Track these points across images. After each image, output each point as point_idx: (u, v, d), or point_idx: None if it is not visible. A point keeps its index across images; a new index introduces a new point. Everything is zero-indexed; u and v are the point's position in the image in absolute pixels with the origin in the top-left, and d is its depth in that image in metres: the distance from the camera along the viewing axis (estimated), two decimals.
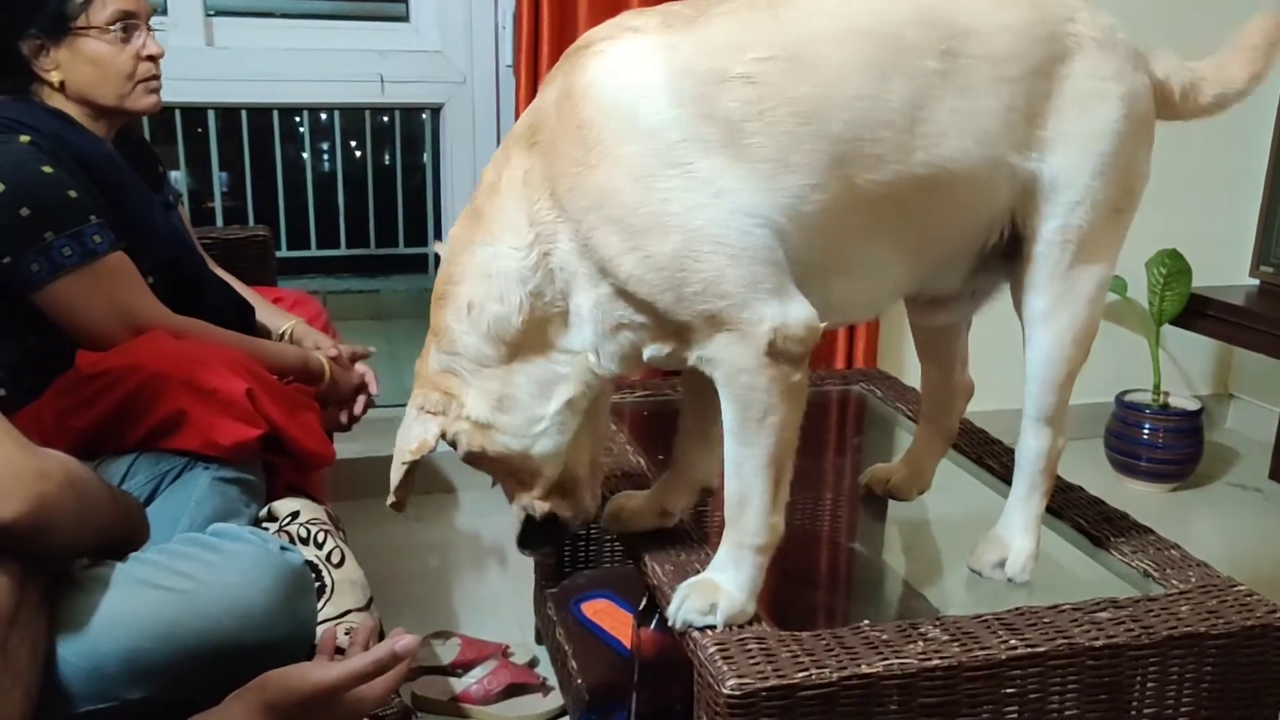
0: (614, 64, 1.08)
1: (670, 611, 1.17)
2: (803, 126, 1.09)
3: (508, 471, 1.26)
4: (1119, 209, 1.26)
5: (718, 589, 1.16)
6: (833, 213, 1.12)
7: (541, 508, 1.28)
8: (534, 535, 1.31)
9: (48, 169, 1.49)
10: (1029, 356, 1.30)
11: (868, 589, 1.54)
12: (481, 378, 1.19)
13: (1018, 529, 1.35)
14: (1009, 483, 1.53)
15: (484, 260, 1.15)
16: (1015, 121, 1.19)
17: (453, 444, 1.23)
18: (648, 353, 1.17)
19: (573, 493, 1.29)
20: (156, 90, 1.69)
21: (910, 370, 2.91)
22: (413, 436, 1.21)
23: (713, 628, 1.14)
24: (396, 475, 1.22)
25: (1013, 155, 1.20)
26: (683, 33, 1.10)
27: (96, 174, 1.56)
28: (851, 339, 2.67)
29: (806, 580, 1.51)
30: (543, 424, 1.20)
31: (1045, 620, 1.16)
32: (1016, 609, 1.18)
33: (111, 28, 1.61)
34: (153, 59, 1.66)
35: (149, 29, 1.68)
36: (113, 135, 1.70)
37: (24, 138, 1.49)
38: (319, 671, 1.08)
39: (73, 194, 1.50)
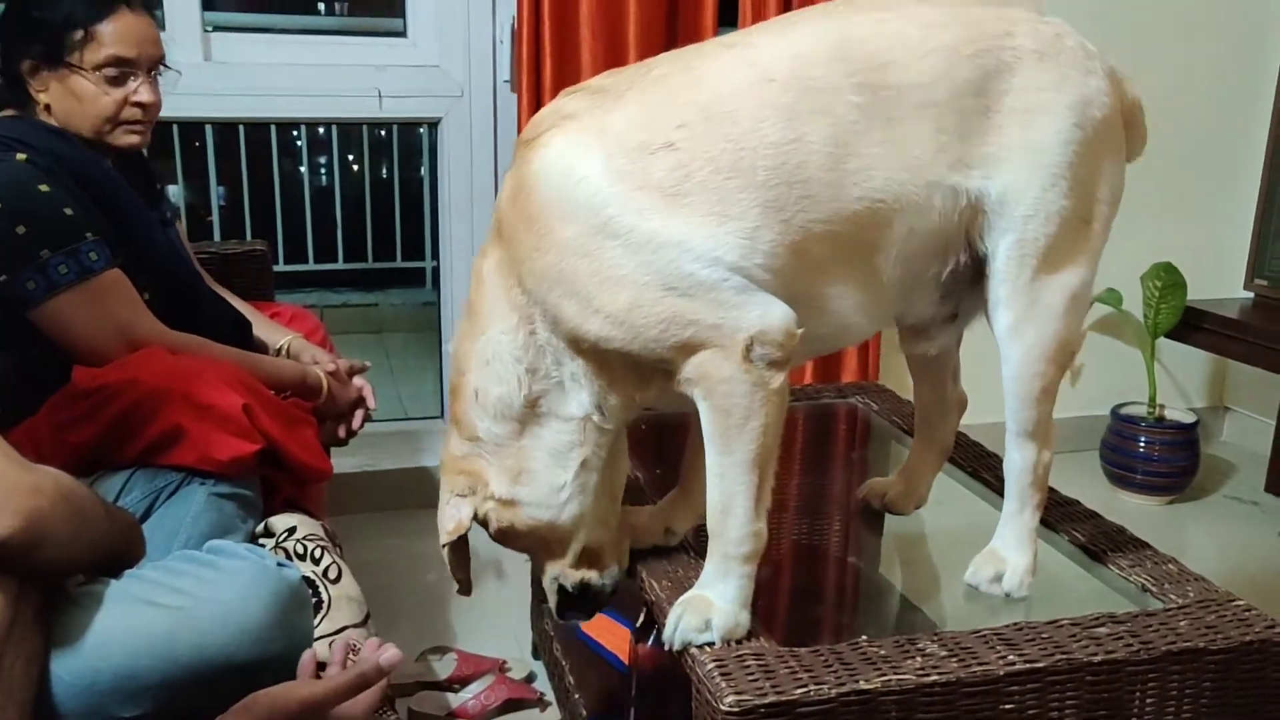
0: (553, 155, 1.15)
1: (667, 633, 1.16)
2: (729, 180, 1.13)
3: (538, 544, 1.29)
4: (1085, 219, 1.24)
5: (710, 605, 1.17)
6: (788, 250, 1.15)
7: (573, 576, 1.30)
8: (570, 605, 1.34)
9: (44, 187, 1.49)
10: (1003, 372, 1.29)
11: (866, 604, 1.53)
12: (500, 456, 1.24)
13: (1013, 544, 1.35)
14: (1004, 495, 1.53)
15: (481, 349, 1.21)
16: (948, 143, 1.19)
17: (484, 523, 1.26)
18: (640, 398, 1.22)
19: (601, 556, 1.31)
20: (140, 133, 1.68)
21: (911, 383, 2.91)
22: (448, 518, 1.26)
23: (711, 644, 1.14)
24: (446, 559, 1.27)
25: (951, 176, 1.20)
26: (612, 111, 1.16)
27: (94, 191, 1.56)
28: (865, 352, 2.67)
29: (804, 595, 1.51)
30: (565, 491, 1.24)
31: (1044, 635, 1.15)
32: (1015, 624, 1.18)
33: (100, 71, 1.61)
34: (142, 106, 1.65)
35: (150, 75, 1.66)
36: (110, 156, 1.70)
37: (21, 156, 1.50)
38: (305, 688, 1.08)
39: (69, 211, 1.50)
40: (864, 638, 1.15)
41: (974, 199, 1.22)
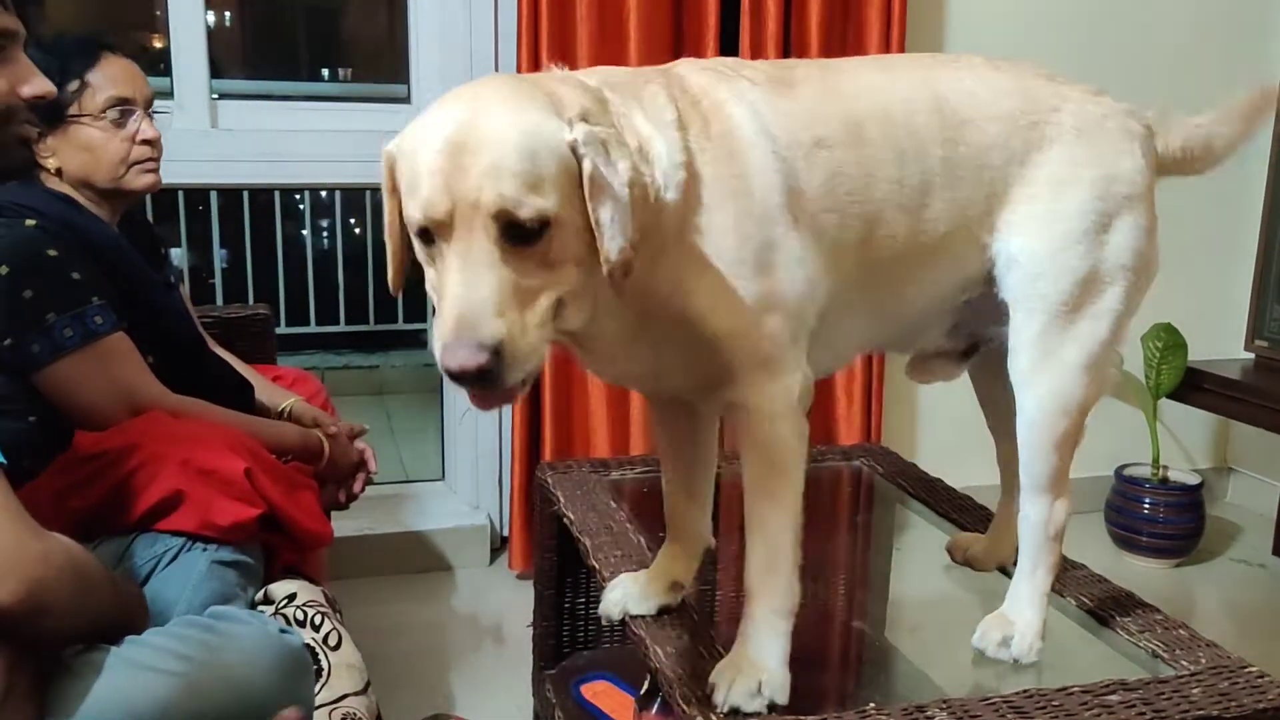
0: (748, 112, 1.11)
1: (718, 696, 1.12)
2: (853, 205, 1.16)
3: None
4: (1101, 280, 1.26)
5: (760, 668, 1.13)
6: (839, 288, 1.17)
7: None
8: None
9: (52, 251, 1.50)
10: (1017, 422, 1.30)
11: (872, 670, 1.51)
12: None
13: (1023, 606, 1.33)
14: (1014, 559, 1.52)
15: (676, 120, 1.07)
16: (991, 207, 1.25)
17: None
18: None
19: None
20: (153, 170, 1.71)
21: (917, 445, 2.91)
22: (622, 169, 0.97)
23: (772, 707, 1.10)
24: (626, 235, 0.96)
25: (985, 236, 1.26)
26: (784, 97, 1.15)
27: (100, 256, 1.57)
28: (866, 414, 2.68)
29: (811, 661, 1.48)
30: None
31: (1054, 703, 1.14)
32: (1024, 691, 1.16)
33: (104, 114, 1.64)
34: (148, 143, 1.69)
35: (147, 114, 1.70)
36: (117, 218, 1.72)
37: (29, 221, 1.51)
38: None
39: (76, 276, 1.51)
40: (871, 706, 1.13)
41: (995, 255, 1.27)
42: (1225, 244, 2.98)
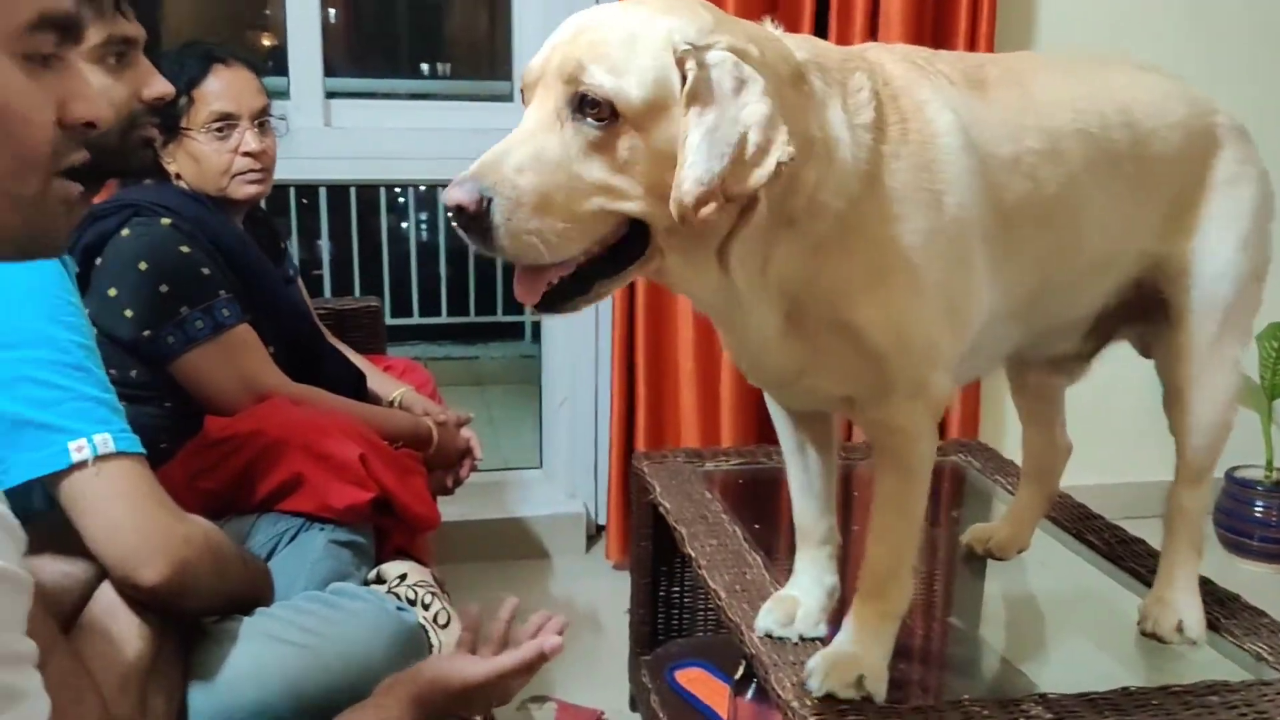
0: (952, 121, 1.05)
1: (813, 682, 1.14)
2: (1046, 223, 1.14)
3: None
4: (1258, 277, 1.31)
5: (861, 663, 1.14)
6: (1010, 303, 1.16)
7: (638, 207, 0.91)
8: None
9: (185, 249, 1.59)
10: (1183, 423, 1.33)
11: (965, 664, 1.52)
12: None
13: (1183, 588, 1.35)
14: (1110, 558, 1.51)
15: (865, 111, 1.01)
16: (1173, 214, 1.25)
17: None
18: None
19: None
20: (256, 181, 1.76)
21: (1010, 442, 2.87)
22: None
23: (868, 699, 1.12)
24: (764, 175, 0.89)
25: (1155, 243, 1.26)
26: (981, 104, 1.09)
27: (227, 252, 1.67)
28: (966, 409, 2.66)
29: (903, 654, 1.49)
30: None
31: (1154, 702, 1.13)
32: (1123, 689, 1.16)
33: (208, 128, 1.71)
34: (251, 155, 1.74)
35: (255, 125, 1.75)
36: (241, 217, 1.81)
37: (165, 221, 1.61)
38: (470, 668, 1.09)
39: (206, 271, 1.61)
40: (965, 697, 1.15)
41: (1165, 258, 1.27)
42: None
